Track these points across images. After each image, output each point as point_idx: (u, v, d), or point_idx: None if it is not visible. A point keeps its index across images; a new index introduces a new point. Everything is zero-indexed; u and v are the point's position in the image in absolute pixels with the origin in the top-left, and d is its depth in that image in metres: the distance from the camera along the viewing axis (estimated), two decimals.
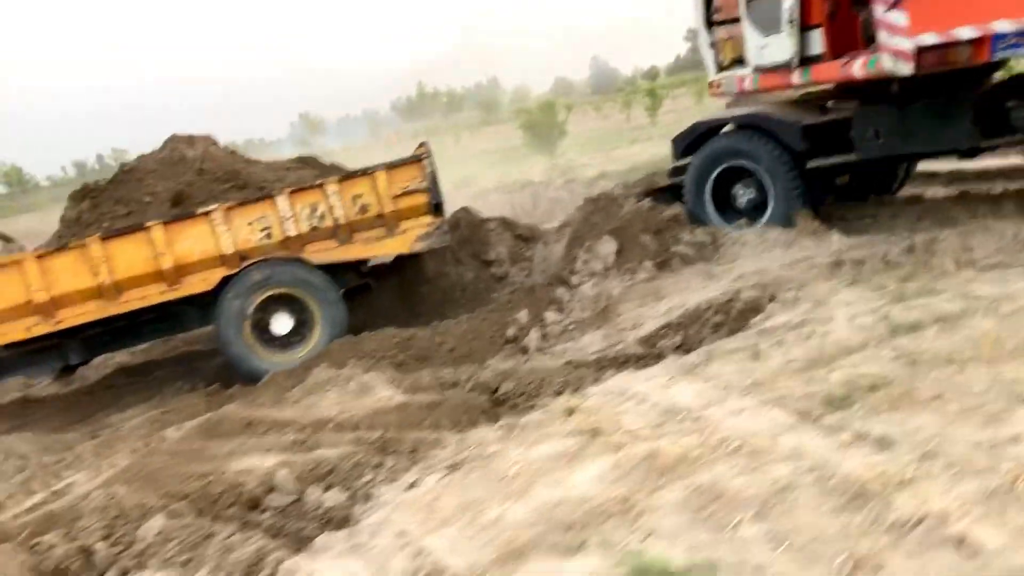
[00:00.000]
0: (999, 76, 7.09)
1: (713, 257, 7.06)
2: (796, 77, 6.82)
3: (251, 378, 7.33)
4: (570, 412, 4.15)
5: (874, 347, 4.29)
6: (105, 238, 7.08)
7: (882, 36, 5.72)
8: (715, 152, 7.51)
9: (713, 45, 7.77)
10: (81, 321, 7.20)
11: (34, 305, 7.04)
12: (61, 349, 7.52)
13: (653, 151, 19.33)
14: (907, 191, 8.58)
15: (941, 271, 5.43)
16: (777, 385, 4.02)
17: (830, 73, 6.54)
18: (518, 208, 13.60)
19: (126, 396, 8.01)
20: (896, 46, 5.67)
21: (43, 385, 8.87)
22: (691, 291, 6.56)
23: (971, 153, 7.14)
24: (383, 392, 6.14)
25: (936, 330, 4.31)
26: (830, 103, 7.63)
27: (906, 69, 5.71)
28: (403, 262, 8.41)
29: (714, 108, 8.88)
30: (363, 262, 8.03)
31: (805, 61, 6.71)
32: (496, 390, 5.76)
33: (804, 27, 6.58)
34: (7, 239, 8.62)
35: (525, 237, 8.80)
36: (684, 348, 5.83)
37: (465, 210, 8.92)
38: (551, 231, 8.85)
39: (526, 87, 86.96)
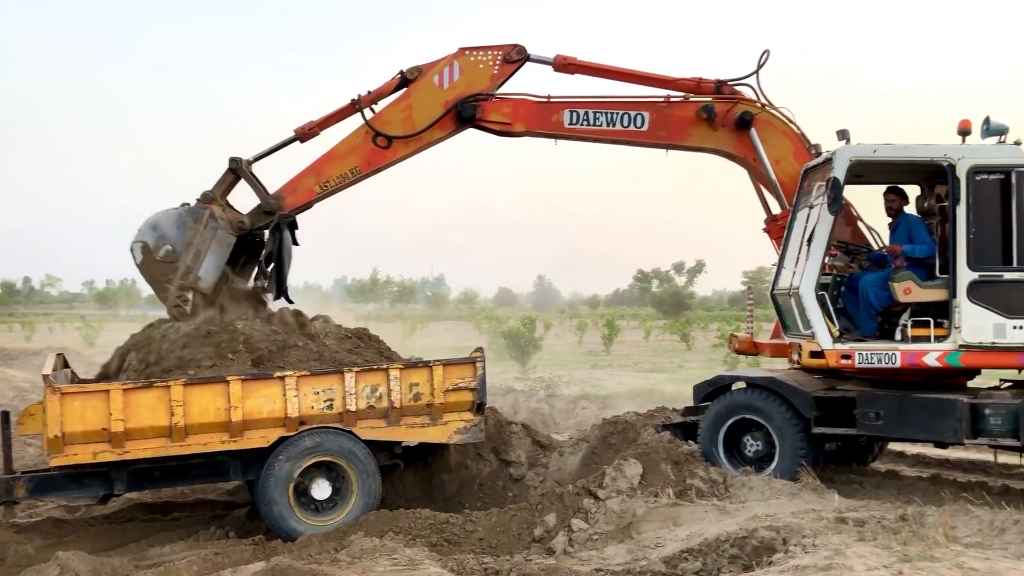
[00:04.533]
0: (977, 382, 8.51)
1: (724, 495, 8.00)
2: None
3: (285, 536, 7.83)
4: None
5: None
6: (188, 384, 7.75)
7: None
8: (733, 404, 8.63)
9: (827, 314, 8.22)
10: (145, 455, 7.72)
11: (109, 433, 7.56)
12: (109, 477, 7.95)
13: (617, 380, 20.72)
14: (881, 465, 9.79)
15: (934, 541, 6.42)
16: None
17: None
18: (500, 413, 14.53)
19: (155, 532, 8.40)
20: None
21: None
22: (707, 522, 7.41)
23: (948, 445, 8.41)
24: (432, 568, 6.75)
25: None
26: (817, 377, 8.86)
27: None
28: (429, 448, 9.15)
29: (655, 350, 9.96)
30: (398, 443, 8.74)
31: None
32: None
33: None
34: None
35: (543, 444, 9.66)
36: (704, 573, 6.65)
37: (492, 410, 9.78)
38: (567, 443, 9.74)
39: (473, 290, 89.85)
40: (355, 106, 9.34)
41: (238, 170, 9.38)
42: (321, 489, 8.18)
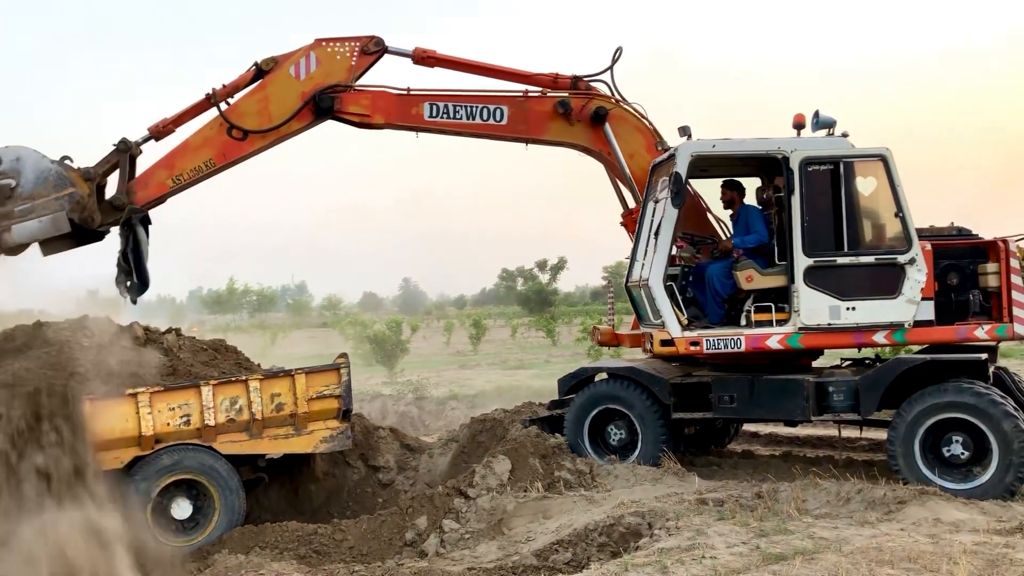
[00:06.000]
0: (820, 363, 9.02)
1: (591, 485, 8.16)
2: (882, 338, 8.14)
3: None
4: None
5: (755, 570, 5.44)
6: None
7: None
8: (596, 395, 8.82)
9: (675, 303, 8.39)
10: None
11: None
12: None
13: (485, 378, 20.80)
14: (737, 446, 10.24)
15: (787, 515, 6.77)
16: None
17: (938, 336, 8.19)
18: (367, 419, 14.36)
19: None
20: None
21: None
22: (576, 512, 7.55)
23: (797, 422, 8.88)
24: None
25: (800, 561, 5.53)
26: (674, 364, 9.19)
27: None
28: (295, 459, 8.94)
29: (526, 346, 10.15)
30: (262, 456, 8.51)
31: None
32: None
33: None
34: None
35: (412, 447, 9.60)
36: (574, 563, 6.78)
37: (359, 416, 9.64)
38: (436, 444, 9.71)
39: (337, 296, 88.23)
40: (210, 100, 9.06)
41: (121, 152, 8.97)
42: (181, 508, 7.90)
